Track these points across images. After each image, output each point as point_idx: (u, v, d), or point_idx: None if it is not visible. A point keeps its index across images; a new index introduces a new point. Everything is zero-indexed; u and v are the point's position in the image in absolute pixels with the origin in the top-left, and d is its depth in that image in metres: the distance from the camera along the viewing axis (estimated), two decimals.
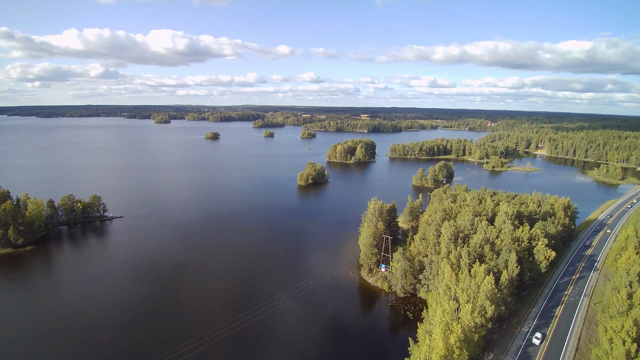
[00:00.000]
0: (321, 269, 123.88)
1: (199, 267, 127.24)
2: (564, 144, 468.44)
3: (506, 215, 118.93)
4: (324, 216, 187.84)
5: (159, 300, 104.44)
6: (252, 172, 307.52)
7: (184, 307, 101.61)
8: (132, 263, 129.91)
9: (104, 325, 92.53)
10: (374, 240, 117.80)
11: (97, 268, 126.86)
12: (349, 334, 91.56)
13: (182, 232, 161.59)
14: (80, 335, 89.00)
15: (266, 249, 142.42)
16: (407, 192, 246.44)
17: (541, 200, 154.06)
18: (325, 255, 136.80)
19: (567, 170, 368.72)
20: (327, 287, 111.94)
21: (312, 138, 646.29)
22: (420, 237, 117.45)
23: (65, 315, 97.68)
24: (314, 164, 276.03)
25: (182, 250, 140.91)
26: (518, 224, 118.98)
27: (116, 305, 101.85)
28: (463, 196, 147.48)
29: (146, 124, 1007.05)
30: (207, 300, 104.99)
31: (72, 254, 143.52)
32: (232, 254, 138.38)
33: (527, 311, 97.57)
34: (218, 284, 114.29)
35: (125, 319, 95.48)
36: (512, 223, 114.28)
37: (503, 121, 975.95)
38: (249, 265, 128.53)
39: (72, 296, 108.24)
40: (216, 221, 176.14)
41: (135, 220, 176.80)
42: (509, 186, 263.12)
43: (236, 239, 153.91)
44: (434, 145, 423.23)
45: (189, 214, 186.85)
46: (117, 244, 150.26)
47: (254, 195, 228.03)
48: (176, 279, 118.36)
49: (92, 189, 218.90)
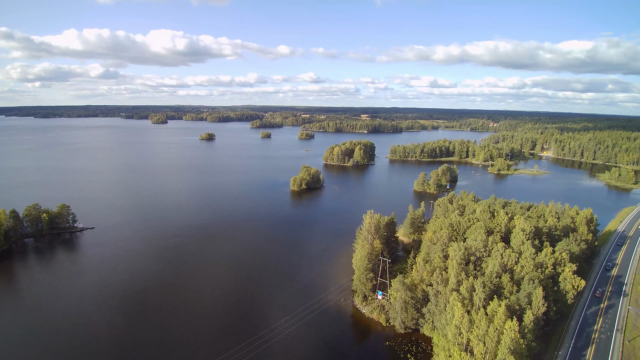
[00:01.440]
0: (309, 295, 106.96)
1: (176, 287, 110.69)
2: (571, 146, 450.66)
3: (523, 233, 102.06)
4: (316, 227, 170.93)
5: (133, 330, 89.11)
6: (244, 175, 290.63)
7: (162, 337, 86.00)
8: (103, 284, 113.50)
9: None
10: (369, 262, 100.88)
11: (64, 289, 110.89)
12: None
13: (161, 245, 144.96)
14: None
15: (252, 270, 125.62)
16: (407, 199, 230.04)
17: (559, 212, 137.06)
18: (315, 277, 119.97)
19: (576, 174, 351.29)
20: (315, 319, 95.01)
21: (310, 139, 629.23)
22: (423, 258, 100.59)
23: (27, 343, 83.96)
24: (308, 167, 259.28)
25: (160, 268, 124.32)
26: (538, 243, 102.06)
27: (86, 333, 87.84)
28: (472, 207, 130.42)
29: (143, 124, 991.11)
30: (184, 330, 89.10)
31: (37, 271, 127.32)
32: (213, 275, 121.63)
33: (554, 355, 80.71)
34: (198, 312, 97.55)
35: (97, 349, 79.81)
36: (533, 244, 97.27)
37: (505, 121, 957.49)
38: (231, 292, 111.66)
39: (34, 321, 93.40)
40: (198, 234, 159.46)
41: (108, 232, 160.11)
42: (518, 192, 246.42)
43: (220, 256, 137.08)
44: (436, 147, 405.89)
45: (170, 225, 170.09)
46: (87, 260, 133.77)
47: (242, 202, 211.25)
48: (153, 303, 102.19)
49: (67, 195, 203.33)
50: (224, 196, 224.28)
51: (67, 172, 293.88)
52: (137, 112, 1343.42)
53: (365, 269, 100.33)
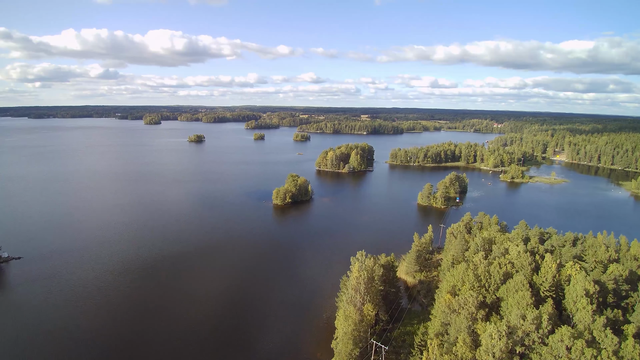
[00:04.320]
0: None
1: (118, 342, 76.44)
2: (587, 149, 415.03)
3: (587, 298, 67.27)
4: (295, 258, 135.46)
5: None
6: (223, 186, 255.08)
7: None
8: (29, 340, 79.42)
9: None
10: (355, 346, 65.92)
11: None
12: None
13: (103, 282, 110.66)
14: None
15: (197, 333, 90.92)
16: (410, 216, 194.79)
17: (615, 248, 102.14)
18: (283, 345, 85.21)
19: (596, 182, 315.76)
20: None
21: (306, 141, 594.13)
22: (437, 337, 65.89)
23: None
24: (296, 176, 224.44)
25: (98, 313, 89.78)
26: (612, 315, 67.21)
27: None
28: (502, 245, 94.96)
29: (135, 125, 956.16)
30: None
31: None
32: (155, 328, 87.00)
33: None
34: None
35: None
36: (613, 329, 62.16)
37: (509, 122, 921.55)
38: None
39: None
40: (150, 266, 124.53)
41: (38, 264, 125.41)
42: (540, 207, 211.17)
43: (169, 304, 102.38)
44: (441, 151, 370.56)
45: (117, 253, 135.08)
46: (8, 301, 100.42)
47: (212, 221, 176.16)
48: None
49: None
50: (192, 213, 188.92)
51: (7, 181, 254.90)
52: (132, 113, 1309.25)
53: (349, 356, 65.48)
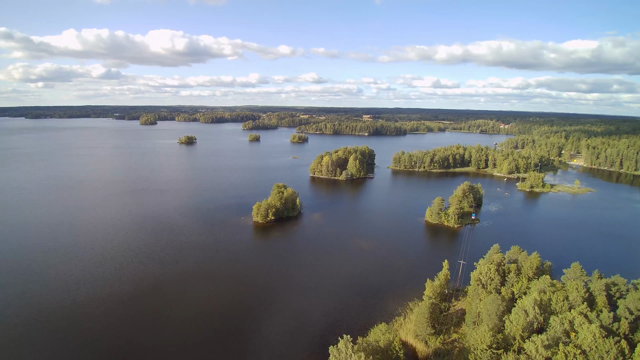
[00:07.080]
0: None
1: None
2: (608, 153, 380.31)
3: None
4: (270, 307, 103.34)
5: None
6: (203, 197, 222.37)
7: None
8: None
9: None
10: None
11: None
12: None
13: (48, 323, 78.76)
14: None
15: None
16: (418, 238, 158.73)
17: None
18: None
19: (621, 190, 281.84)
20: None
21: (304, 143, 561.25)
22: None
23: None
24: (282, 187, 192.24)
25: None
26: None
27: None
28: (564, 318, 61.98)
29: (129, 125, 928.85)
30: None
31: None
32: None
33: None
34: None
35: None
36: None
37: (517, 123, 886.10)
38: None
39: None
40: (98, 298, 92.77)
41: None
42: (578, 230, 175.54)
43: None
44: (449, 155, 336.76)
45: (58, 284, 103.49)
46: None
47: (181, 244, 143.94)
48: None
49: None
50: (159, 233, 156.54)
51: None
52: (130, 113, 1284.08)
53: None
